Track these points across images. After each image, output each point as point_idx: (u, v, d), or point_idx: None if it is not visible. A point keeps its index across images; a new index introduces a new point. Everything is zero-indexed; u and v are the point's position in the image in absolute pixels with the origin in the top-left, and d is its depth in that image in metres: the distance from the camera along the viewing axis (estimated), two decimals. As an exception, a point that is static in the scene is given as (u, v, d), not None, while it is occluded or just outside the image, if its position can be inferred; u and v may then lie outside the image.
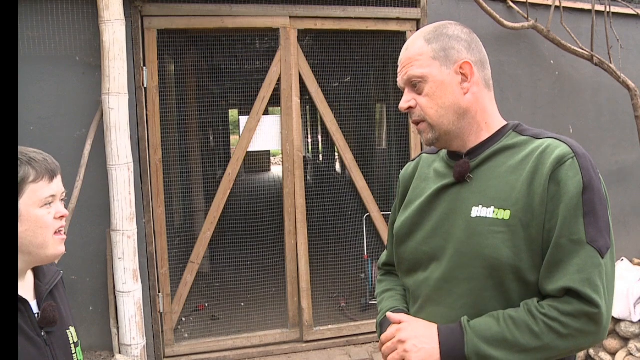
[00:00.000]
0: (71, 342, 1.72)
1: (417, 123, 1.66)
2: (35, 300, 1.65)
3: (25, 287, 1.65)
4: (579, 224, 1.43)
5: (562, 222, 1.44)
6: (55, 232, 1.59)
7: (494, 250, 1.49)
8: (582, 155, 1.49)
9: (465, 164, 1.62)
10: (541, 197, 1.46)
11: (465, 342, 1.48)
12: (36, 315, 1.62)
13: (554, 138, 1.54)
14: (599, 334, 1.45)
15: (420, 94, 1.62)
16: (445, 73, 1.59)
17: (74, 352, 1.71)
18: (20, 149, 1.61)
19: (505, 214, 1.50)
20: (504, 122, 1.68)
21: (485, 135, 1.64)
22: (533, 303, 1.47)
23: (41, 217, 1.56)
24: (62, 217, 1.61)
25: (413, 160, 1.94)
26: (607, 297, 1.44)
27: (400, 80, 1.67)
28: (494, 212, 1.52)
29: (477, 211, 1.55)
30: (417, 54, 1.62)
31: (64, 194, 1.65)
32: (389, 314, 1.71)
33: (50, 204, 1.58)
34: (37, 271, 1.71)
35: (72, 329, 1.74)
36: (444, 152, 1.76)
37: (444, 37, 1.61)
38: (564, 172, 1.45)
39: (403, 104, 1.66)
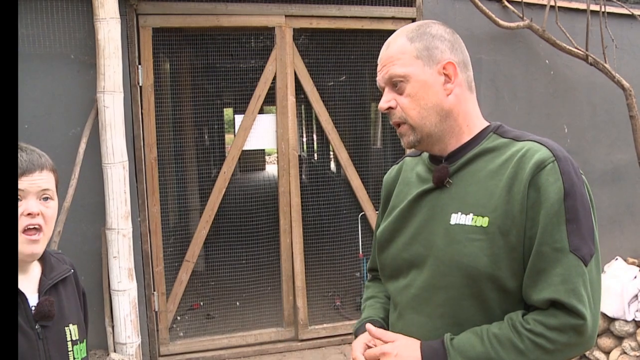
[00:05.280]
0: (68, 339, 1.71)
1: (397, 125, 1.60)
2: (37, 294, 1.66)
3: (28, 281, 1.66)
4: (561, 231, 1.40)
5: (544, 229, 1.40)
6: (25, 231, 1.57)
7: (472, 258, 1.45)
8: (563, 159, 1.44)
9: (443, 168, 1.57)
10: (521, 203, 1.42)
11: None
12: (32, 308, 1.62)
13: (535, 141, 1.50)
14: (585, 345, 1.42)
15: (401, 94, 1.56)
16: (428, 73, 1.54)
17: (70, 349, 1.70)
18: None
19: (483, 221, 1.46)
20: (486, 124, 1.63)
21: (466, 138, 1.59)
22: (517, 318, 1.43)
23: None
24: (30, 214, 1.57)
25: (396, 163, 1.89)
26: (592, 306, 1.41)
27: (380, 79, 1.61)
28: (472, 219, 1.48)
29: (456, 218, 1.51)
30: (399, 52, 1.56)
31: (46, 192, 1.62)
32: (368, 326, 1.65)
33: (18, 199, 1.56)
34: (44, 266, 1.73)
35: (72, 327, 1.74)
36: (426, 154, 1.71)
37: (427, 36, 1.56)
38: (544, 178, 1.41)
39: (383, 104, 1.60)
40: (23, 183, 1.56)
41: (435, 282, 1.54)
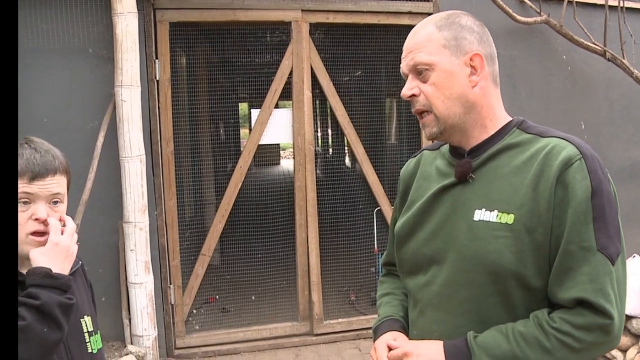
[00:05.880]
0: (84, 331, 1.72)
1: (420, 113, 1.58)
2: None
3: None
4: (589, 230, 1.38)
5: (571, 228, 1.38)
6: (32, 234, 1.56)
7: (497, 255, 1.44)
8: (589, 157, 1.42)
9: (466, 163, 1.55)
10: (547, 201, 1.40)
11: None
12: None
13: (560, 137, 1.48)
14: (611, 344, 1.41)
15: (425, 82, 1.53)
16: (455, 63, 1.51)
17: (87, 340, 1.72)
18: (31, 140, 1.61)
19: (509, 218, 1.44)
20: (509, 118, 1.60)
21: (489, 132, 1.57)
22: (543, 316, 1.42)
23: None
24: (38, 219, 1.55)
25: (414, 157, 1.86)
26: (619, 305, 1.39)
27: (404, 66, 1.58)
28: (497, 215, 1.46)
29: (480, 214, 1.49)
30: (426, 39, 1.53)
31: (57, 196, 1.60)
32: (392, 342, 1.63)
33: (25, 202, 1.54)
34: None
35: (87, 318, 1.74)
36: (445, 148, 1.68)
37: (456, 26, 1.54)
38: (571, 175, 1.39)
39: (406, 91, 1.56)
40: (33, 187, 1.54)
41: (457, 278, 1.52)
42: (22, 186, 1.53)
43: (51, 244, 1.55)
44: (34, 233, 1.56)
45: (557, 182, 1.40)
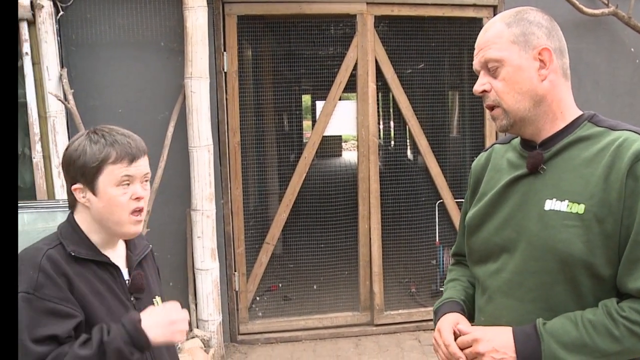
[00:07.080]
0: None
1: (491, 108, 1.62)
2: (126, 269, 1.80)
3: (117, 256, 1.79)
4: None
5: None
6: (132, 212, 1.69)
7: (567, 244, 1.46)
8: None
9: (538, 155, 1.57)
10: (618, 192, 1.42)
11: (542, 350, 1.45)
12: (126, 282, 1.77)
13: (632, 131, 1.49)
14: None
15: (496, 77, 1.58)
16: (524, 58, 1.55)
17: None
18: (111, 128, 1.73)
19: (579, 208, 1.46)
20: (580, 112, 1.62)
21: (560, 125, 1.59)
22: (613, 305, 1.43)
23: (115, 197, 1.65)
24: (138, 198, 1.69)
25: (485, 150, 1.90)
26: None
27: (476, 63, 1.63)
28: (567, 205, 1.48)
29: (550, 204, 1.51)
30: (495, 36, 1.58)
31: (147, 176, 1.74)
32: (460, 327, 1.66)
33: (127, 184, 1.67)
34: (128, 243, 1.85)
35: (158, 298, 1.87)
36: (516, 141, 1.72)
37: (524, 22, 1.57)
38: None
39: (477, 87, 1.62)
40: (131, 169, 1.67)
41: (528, 266, 1.55)
42: (124, 170, 1.66)
43: (168, 320, 1.69)
44: (134, 212, 1.70)
45: (629, 174, 1.42)
